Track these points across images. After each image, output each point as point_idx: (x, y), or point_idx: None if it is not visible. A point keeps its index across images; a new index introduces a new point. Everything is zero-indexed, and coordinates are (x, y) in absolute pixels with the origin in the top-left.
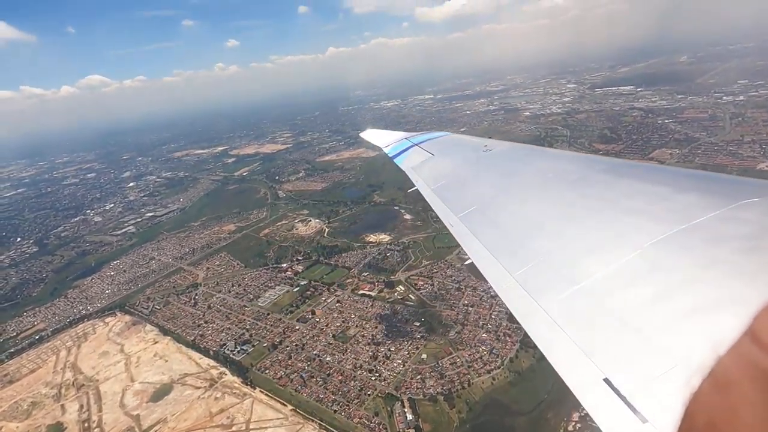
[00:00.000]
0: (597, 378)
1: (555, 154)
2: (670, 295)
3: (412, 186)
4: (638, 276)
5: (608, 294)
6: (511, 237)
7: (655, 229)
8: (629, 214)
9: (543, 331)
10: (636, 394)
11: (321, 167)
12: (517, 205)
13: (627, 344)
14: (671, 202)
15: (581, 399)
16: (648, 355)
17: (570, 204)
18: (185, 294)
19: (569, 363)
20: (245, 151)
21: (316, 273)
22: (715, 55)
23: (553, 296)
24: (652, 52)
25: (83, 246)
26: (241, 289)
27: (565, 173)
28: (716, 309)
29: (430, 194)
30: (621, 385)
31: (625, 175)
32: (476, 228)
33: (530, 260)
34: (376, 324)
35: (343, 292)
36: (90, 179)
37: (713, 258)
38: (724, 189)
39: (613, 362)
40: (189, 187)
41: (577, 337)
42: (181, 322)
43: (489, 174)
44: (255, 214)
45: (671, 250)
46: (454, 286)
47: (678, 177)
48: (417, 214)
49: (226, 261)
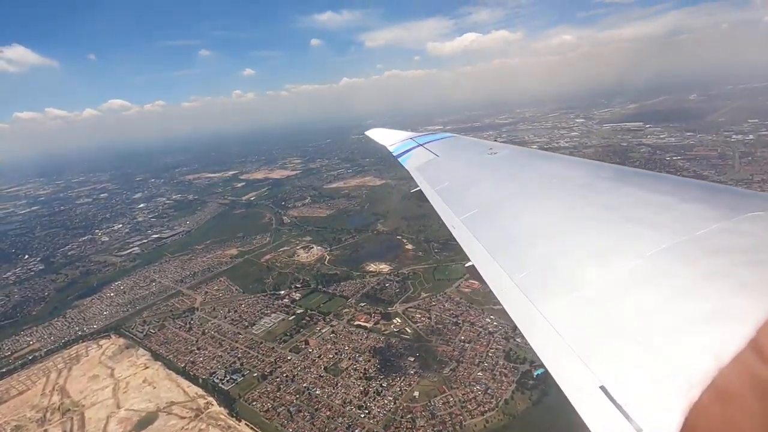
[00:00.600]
0: (594, 385)
1: (561, 160)
2: (671, 305)
3: (415, 215)
4: (639, 285)
5: (608, 302)
6: (513, 241)
7: (658, 238)
8: (633, 222)
9: (541, 336)
10: (632, 403)
11: (327, 194)
12: (521, 209)
13: (625, 353)
14: (676, 212)
15: (577, 406)
16: (646, 365)
17: (574, 210)
18: (181, 318)
19: (566, 369)
20: (255, 176)
21: (313, 301)
22: (725, 94)
23: (553, 302)
24: (662, 89)
25: (88, 265)
26: (237, 316)
27: (570, 179)
28: (718, 320)
29: (433, 195)
30: (617, 393)
31: (631, 183)
32: (478, 231)
33: (531, 265)
34: (370, 357)
35: (338, 323)
36: (102, 199)
37: (716, 269)
38: (730, 201)
39: (610, 370)
40: (197, 209)
41: (575, 344)
42: (173, 347)
43: (493, 177)
44: (258, 239)
45: (674, 260)
46: (452, 320)
47: (684, 187)
48: (419, 244)
49: (225, 286)
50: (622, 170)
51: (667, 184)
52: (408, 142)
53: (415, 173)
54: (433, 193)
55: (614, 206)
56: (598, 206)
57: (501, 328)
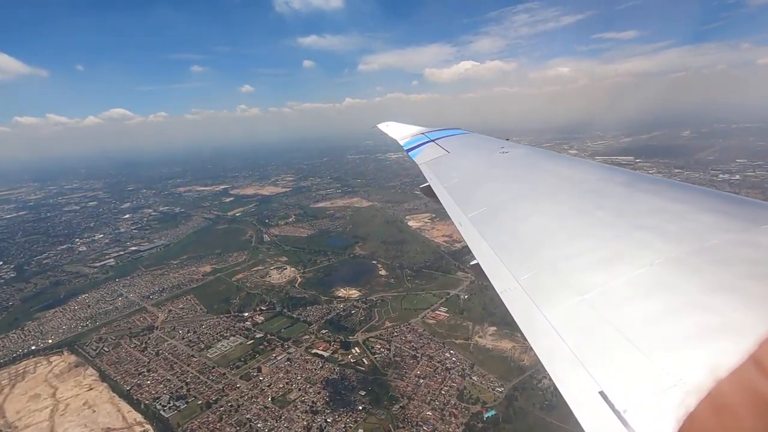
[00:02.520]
0: (593, 390)
1: (573, 162)
2: (675, 314)
3: (395, 240)
4: (644, 293)
5: (611, 308)
6: (520, 242)
7: (667, 247)
8: (643, 229)
9: (542, 338)
10: (630, 410)
11: (312, 213)
12: (530, 210)
13: (626, 359)
14: (689, 222)
15: (574, 410)
16: (646, 372)
17: (583, 214)
18: (139, 337)
19: (566, 373)
20: (245, 192)
21: (275, 325)
22: (718, 132)
23: (556, 305)
24: (657, 124)
25: (59, 276)
26: (196, 337)
27: (581, 182)
28: (719, 332)
29: (442, 191)
30: (616, 399)
31: (644, 189)
32: (485, 229)
33: (536, 267)
34: (321, 389)
35: (296, 350)
36: (90, 207)
37: (723, 281)
38: (744, 212)
39: (610, 376)
40: (180, 223)
41: (576, 348)
42: (123, 367)
43: (503, 176)
44: (235, 257)
45: (681, 270)
46: (411, 353)
47: (700, 196)
48: (393, 270)
49: (190, 304)
50: (635, 176)
51: (682, 192)
52: (419, 137)
53: (425, 169)
54: (442, 189)
55: (625, 212)
56: (608, 211)
57: (459, 364)
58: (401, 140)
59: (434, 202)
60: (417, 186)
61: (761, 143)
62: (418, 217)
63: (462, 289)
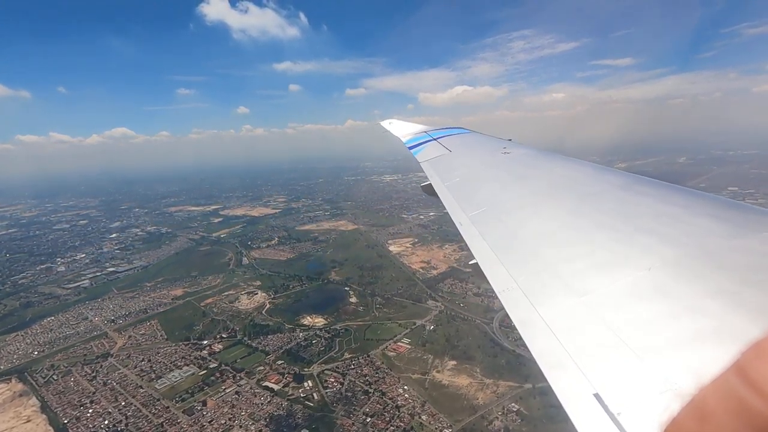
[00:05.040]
0: (588, 392)
1: (575, 164)
2: (671, 318)
3: (372, 266)
4: (641, 296)
5: (609, 310)
6: (520, 242)
7: (665, 251)
8: (642, 232)
9: (539, 339)
10: (625, 413)
11: (296, 236)
12: (530, 211)
13: (622, 362)
14: (689, 226)
15: (569, 411)
16: (641, 376)
17: (583, 215)
18: (92, 364)
19: (561, 374)
20: (235, 212)
21: (232, 355)
22: (714, 159)
23: (554, 306)
24: (654, 149)
25: (31, 297)
26: (149, 366)
27: (582, 184)
28: (714, 337)
29: (443, 190)
30: (611, 401)
31: (645, 193)
32: (485, 229)
33: (536, 268)
34: (263, 426)
35: (248, 381)
36: (79, 226)
37: (720, 286)
38: (746, 218)
39: (605, 378)
40: (164, 243)
41: (572, 350)
42: (67, 398)
43: (505, 177)
44: (209, 280)
45: (678, 274)
46: (364, 388)
47: (701, 201)
48: (363, 297)
49: (152, 330)
50: (636, 179)
51: (680, 196)
52: (422, 135)
53: (427, 167)
54: (443, 188)
55: (625, 215)
56: (608, 213)
57: (411, 402)
58: (404, 138)
59: (420, 226)
60: (405, 210)
61: (755, 171)
62: (400, 241)
63: (429, 319)
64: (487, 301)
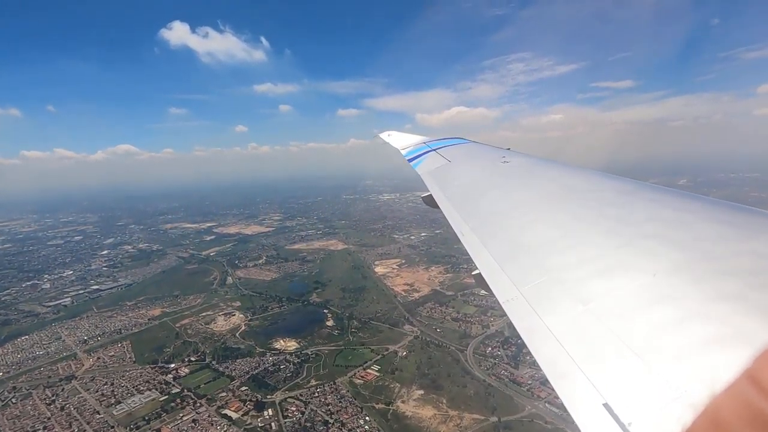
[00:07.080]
0: (597, 402)
1: (575, 171)
2: (678, 324)
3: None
4: (647, 302)
5: (615, 317)
6: (522, 251)
7: (670, 256)
8: (647, 238)
9: (545, 349)
10: (635, 423)
11: (285, 255)
12: (531, 219)
13: (630, 370)
14: (694, 231)
15: (578, 422)
16: (651, 384)
17: (586, 222)
18: (53, 387)
19: (569, 384)
20: (228, 230)
21: (197, 379)
22: (714, 181)
23: (559, 315)
24: (655, 171)
25: (10, 315)
26: (110, 390)
27: (583, 191)
28: (723, 343)
29: (444, 201)
30: (621, 411)
31: (647, 198)
32: (487, 239)
33: (539, 276)
34: None
35: (208, 409)
36: (73, 242)
37: (725, 291)
38: (751, 221)
39: (614, 388)
40: (152, 261)
41: (579, 359)
42: (21, 424)
43: (505, 186)
44: (190, 300)
45: (684, 279)
46: (324, 418)
47: (700, 204)
48: (340, 321)
49: (121, 352)
50: (639, 184)
51: (683, 201)
52: (420, 146)
53: (427, 178)
54: (443, 198)
55: (627, 220)
56: (611, 220)
57: None
58: (402, 150)
59: (409, 247)
60: (397, 230)
61: (754, 194)
62: (387, 262)
63: (403, 345)
64: (465, 326)
